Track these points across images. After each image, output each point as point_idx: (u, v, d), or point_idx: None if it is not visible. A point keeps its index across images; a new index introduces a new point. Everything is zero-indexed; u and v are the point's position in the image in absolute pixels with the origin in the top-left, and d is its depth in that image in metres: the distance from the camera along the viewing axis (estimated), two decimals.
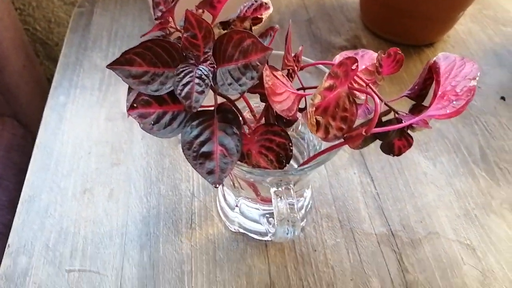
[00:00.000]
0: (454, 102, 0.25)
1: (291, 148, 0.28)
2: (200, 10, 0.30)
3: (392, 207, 0.39)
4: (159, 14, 0.30)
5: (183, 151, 0.24)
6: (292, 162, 0.36)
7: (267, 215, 0.35)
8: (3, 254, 0.51)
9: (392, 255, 0.36)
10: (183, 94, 0.24)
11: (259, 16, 0.32)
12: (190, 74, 0.24)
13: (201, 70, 0.24)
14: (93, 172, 0.42)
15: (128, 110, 0.26)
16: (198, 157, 0.24)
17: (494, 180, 0.42)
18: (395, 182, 0.41)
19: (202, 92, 0.24)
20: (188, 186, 0.41)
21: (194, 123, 0.25)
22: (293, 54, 0.32)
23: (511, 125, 0.46)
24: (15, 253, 0.37)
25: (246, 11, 0.32)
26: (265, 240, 0.37)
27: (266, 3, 0.32)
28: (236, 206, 0.36)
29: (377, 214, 0.39)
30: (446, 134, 0.45)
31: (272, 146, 0.28)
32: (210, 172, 0.24)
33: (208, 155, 0.24)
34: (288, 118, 0.27)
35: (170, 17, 0.31)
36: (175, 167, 0.42)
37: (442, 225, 0.38)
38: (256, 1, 0.33)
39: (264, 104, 0.30)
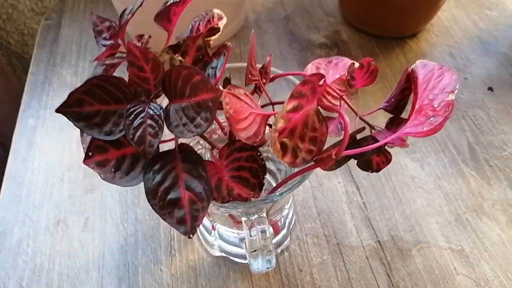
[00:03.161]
0: (432, 119, 0.23)
1: (261, 157, 0.25)
2: (146, 36, 0.28)
3: (379, 216, 0.38)
4: (104, 42, 0.28)
5: (148, 201, 0.22)
6: (269, 178, 0.34)
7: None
8: None
9: (381, 269, 0.35)
10: (135, 138, 0.22)
11: (215, 26, 0.30)
12: (142, 115, 0.22)
13: (152, 109, 0.22)
14: (67, 200, 0.40)
15: (84, 161, 0.24)
16: (166, 206, 0.22)
17: (485, 179, 0.40)
18: (382, 189, 0.39)
19: (156, 135, 0.22)
20: None
21: (156, 167, 0.23)
22: (260, 66, 0.30)
23: (500, 118, 0.44)
24: None
25: (198, 25, 0.30)
26: (248, 263, 0.35)
27: (218, 14, 0.30)
28: (213, 229, 0.35)
29: (364, 226, 0.37)
30: None
31: (241, 164, 0.26)
32: (181, 222, 0.22)
33: (176, 203, 0.22)
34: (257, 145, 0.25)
35: (120, 40, 0.29)
36: None
37: (433, 233, 0.37)
38: (206, 14, 0.30)
39: None
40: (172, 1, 0.28)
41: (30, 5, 0.73)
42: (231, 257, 0.35)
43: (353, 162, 0.41)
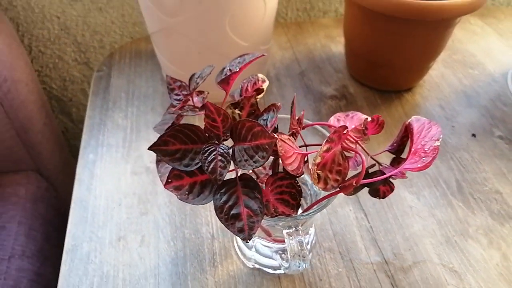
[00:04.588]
0: (423, 158, 0.32)
1: (298, 184, 0.34)
2: (206, 92, 0.37)
3: (384, 238, 0.46)
4: (176, 97, 0.37)
5: (216, 215, 0.31)
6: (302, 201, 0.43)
7: (280, 252, 0.41)
8: None
9: (386, 280, 0.43)
10: (209, 169, 0.30)
11: (260, 87, 0.40)
12: (214, 152, 0.31)
13: (222, 149, 0.31)
14: (125, 221, 0.48)
15: (164, 185, 0.32)
16: (229, 218, 0.31)
17: (470, 209, 0.49)
18: (385, 216, 0.48)
19: (225, 167, 0.30)
20: (208, 229, 0.47)
21: (222, 190, 0.31)
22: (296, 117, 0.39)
23: (482, 160, 0.54)
24: None
25: (247, 87, 0.39)
26: (278, 273, 0.43)
27: (262, 78, 0.40)
28: (253, 245, 0.43)
29: (372, 245, 0.46)
30: (426, 171, 0.53)
31: (283, 189, 0.34)
32: (241, 230, 0.31)
33: (237, 216, 0.31)
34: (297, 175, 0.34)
35: (190, 97, 0.38)
36: (196, 213, 0.49)
37: (428, 252, 0.45)
38: (253, 78, 0.40)
39: (272, 157, 0.37)
40: (230, 69, 0.38)
41: (74, 56, 0.84)
42: (264, 268, 0.43)
43: (362, 194, 0.49)
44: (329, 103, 0.62)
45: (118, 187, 0.52)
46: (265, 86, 0.40)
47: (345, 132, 0.32)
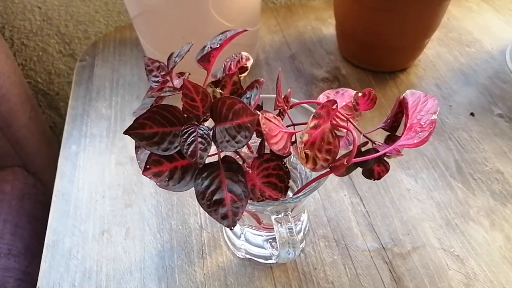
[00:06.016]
0: (420, 133, 0.30)
1: (286, 165, 0.32)
2: (187, 73, 0.35)
3: (381, 223, 0.44)
4: (154, 79, 0.35)
5: (198, 201, 0.28)
6: (292, 184, 0.41)
7: (270, 240, 0.39)
8: None
9: (384, 266, 0.41)
10: (189, 152, 0.28)
11: (244, 66, 0.37)
12: (193, 134, 0.29)
13: (202, 130, 0.29)
14: (109, 214, 0.46)
15: (143, 172, 0.30)
16: (212, 204, 0.28)
17: (470, 190, 0.46)
18: (382, 200, 0.46)
19: (205, 149, 0.28)
20: (196, 219, 0.45)
21: (204, 175, 0.29)
22: (283, 96, 0.37)
23: (481, 139, 0.52)
24: None
25: (230, 66, 0.37)
26: (270, 263, 0.41)
27: (246, 56, 0.37)
28: (242, 234, 0.41)
29: (368, 231, 0.43)
30: (424, 152, 0.50)
31: (269, 172, 0.32)
32: (224, 217, 0.28)
33: (220, 202, 0.28)
34: (284, 155, 0.31)
35: (169, 77, 0.36)
36: (183, 203, 0.47)
37: (427, 236, 0.43)
38: (236, 56, 0.37)
39: (260, 139, 0.35)
40: (211, 47, 0.36)
41: (59, 48, 0.81)
42: (255, 258, 0.41)
43: (356, 178, 0.47)
44: (321, 86, 0.60)
45: (102, 179, 0.49)
46: (249, 64, 0.37)
47: (334, 107, 0.30)
